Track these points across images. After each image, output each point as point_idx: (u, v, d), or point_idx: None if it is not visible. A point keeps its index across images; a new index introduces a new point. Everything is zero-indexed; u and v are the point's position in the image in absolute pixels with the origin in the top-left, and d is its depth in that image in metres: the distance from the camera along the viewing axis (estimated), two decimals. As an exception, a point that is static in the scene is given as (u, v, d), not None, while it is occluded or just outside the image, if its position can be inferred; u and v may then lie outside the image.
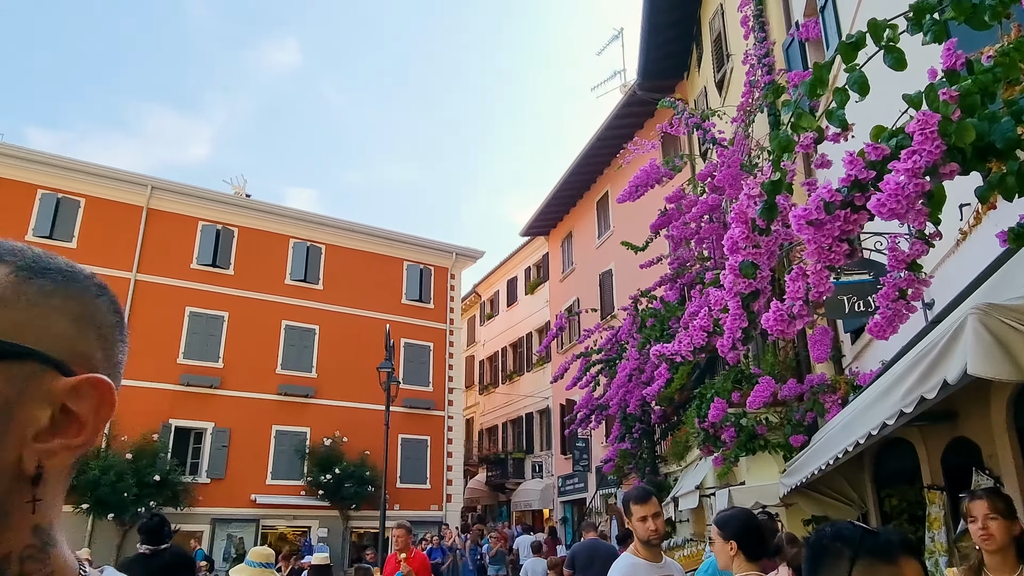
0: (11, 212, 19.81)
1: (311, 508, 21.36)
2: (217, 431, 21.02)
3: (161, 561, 2.33)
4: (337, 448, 21.87)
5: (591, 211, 23.74)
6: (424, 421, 24.20)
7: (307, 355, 22.95)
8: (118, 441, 19.12)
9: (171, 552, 2.37)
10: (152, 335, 20.63)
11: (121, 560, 2.23)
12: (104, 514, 18.14)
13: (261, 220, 23.41)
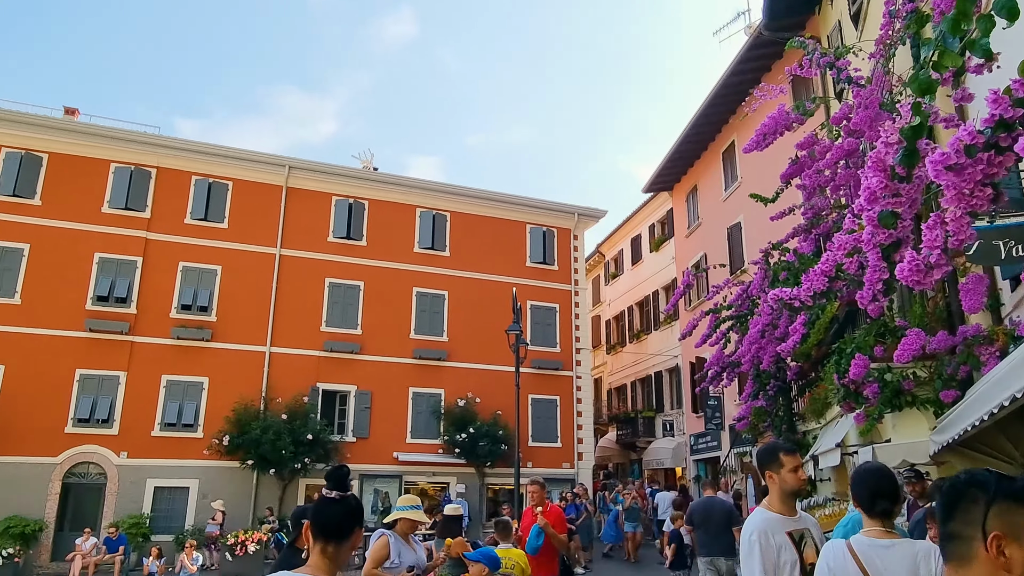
0: (172, 198, 21.75)
1: (448, 465, 22.39)
2: (359, 393, 22.39)
3: (347, 506, 2.55)
4: (470, 408, 22.72)
5: (716, 163, 22.87)
6: (553, 381, 24.59)
7: (438, 320, 23.85)
8: (274, 403, 20.82)
9: (354, 499, 2.62)
10: (297, 306, 22.17)
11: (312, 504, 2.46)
12: (267, 469, 19.90)
13: (389, 192, 24.37)
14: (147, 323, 20.61)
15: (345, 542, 2.56)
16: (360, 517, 2.62)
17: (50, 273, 19.96)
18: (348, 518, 2.60)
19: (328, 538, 2.56)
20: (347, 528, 2.59)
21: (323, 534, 2.57)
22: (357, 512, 2.64)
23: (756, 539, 3.15)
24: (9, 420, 18.73)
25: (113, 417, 19.74)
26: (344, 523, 2.59)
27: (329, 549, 2.52)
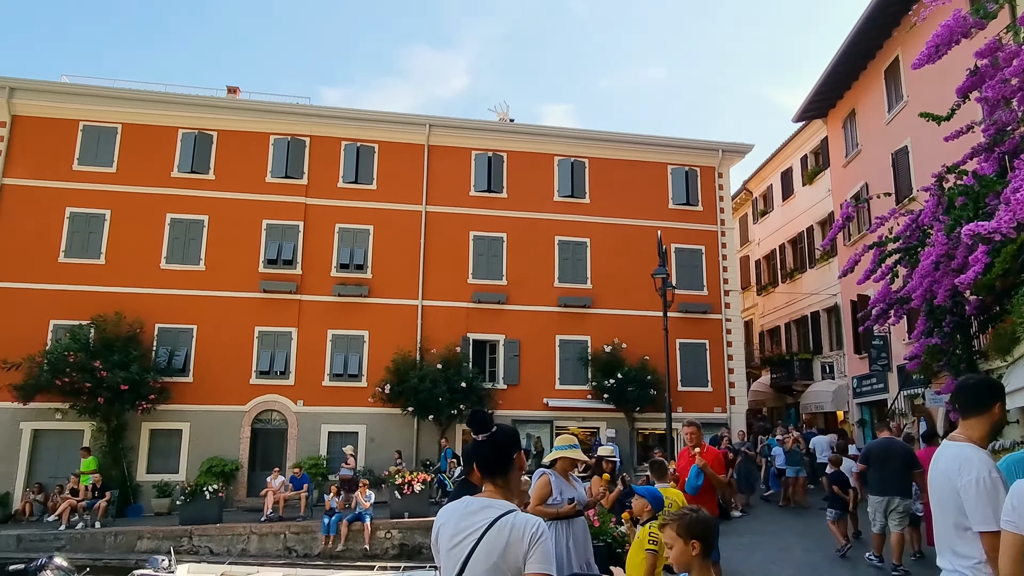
0: (325, 164, 23.09)
1: (597, 411, 22.66)
2: (508, 342, 23.04)
3: (496, 441, 2.68)
4: (617, 354, 22.75)
5: (878, 82, 20.94)
6: (701, 325, 24.04)
7: (581, 268, 23.90)
8: (429, 354, 21.92)
9: (500, 431, 2.75)
10: (445, 260, 23.01)
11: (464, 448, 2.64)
12: (425, 415, 21.11)
13: (526, 142, 24.46)
14: (311, 282, 22.23)
15: (509, 471, 2.72)
16: (512, 444, 2.74)
17: (226, 241, 21.95)
18: (501, 452, 2.75)
19: (492, 474, 2.72)
20: (504, 460, 2.75)
21: (487, 473, 2.73)
22: (508, 443, 2.77)
23: (998, 476, 3.01)
24: (205, 374, 21.07)
25: (289, 369, 21.64)
26: (499, 457, 2.75)
27: (498, 481, 2.70)
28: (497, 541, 2.51)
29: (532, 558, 2.48)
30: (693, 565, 3.00)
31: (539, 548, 2.48)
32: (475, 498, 2.69)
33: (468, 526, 2.58)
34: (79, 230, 21.31)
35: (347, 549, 16.21)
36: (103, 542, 16.54)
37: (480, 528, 2.55)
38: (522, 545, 2.49)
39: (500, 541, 2.51)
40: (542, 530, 2.54)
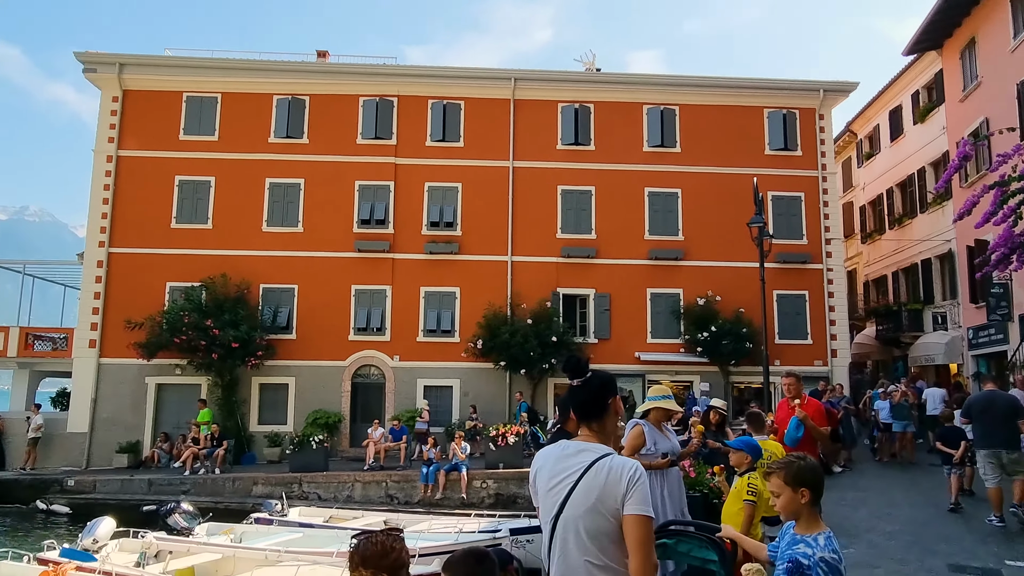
0: (413, 124, 23.32)
1: (691, 364, 22.29)
2: (598, 296, 22.89)
3: (592, 386, 2.70)
4: (711, 307, 22.21)
5: (1002, 6, 19.09)
6: (800, 275, 23.08)
7: (672, 219, 23.31)
8: (520, 309, 22.08)
9: (596, 376, 2.75)
10: (533, 215, 22.95)
11: (561, 397, 2.70)
12: (517, 369, 21.39)
13: (613, 92, 23.85)
14: (403, 241, 22.71)
15: (605, 415, 2.73)
16: (608, 389, 2.75)
17: (322, 203, 22.67)
18: (596, 396, 2.76)
19: (588, 419, 2.73)
20: (599, 404, 2.76)
21: (583, 417, 2.75)
22: (603, 387, 2.79)
23: None
24: (307, 331, 22.06)
25: (385, 325, 22.35)
26: (595, 402, 2.76)
27: (593, 426, 2.71)
28: (595, 483, 2.53)
29: (630, 500, 2.48)
30: (801, 513, 2.92)
31: (637, 490, 2.48)
32: (572, 442, 2.71)
33: (565, 468, 2.61)
34: (187, 197, 22.52)
35: (445, 498, 16.80)
36: (223, 487, 17.80)
37: (578, 470, 2.57)
38: (620, 487, 2.49)
39: (598, 483, 2.53)
40: (640, 473, 2.53)
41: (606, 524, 2.50)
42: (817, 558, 2.77)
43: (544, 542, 2.65)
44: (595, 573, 2.49)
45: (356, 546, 2.15)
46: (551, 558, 2.61)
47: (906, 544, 8.38)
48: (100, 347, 21.59)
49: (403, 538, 2.21)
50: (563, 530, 2.56)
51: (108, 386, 21.51)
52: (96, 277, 21.93)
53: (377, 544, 2.12)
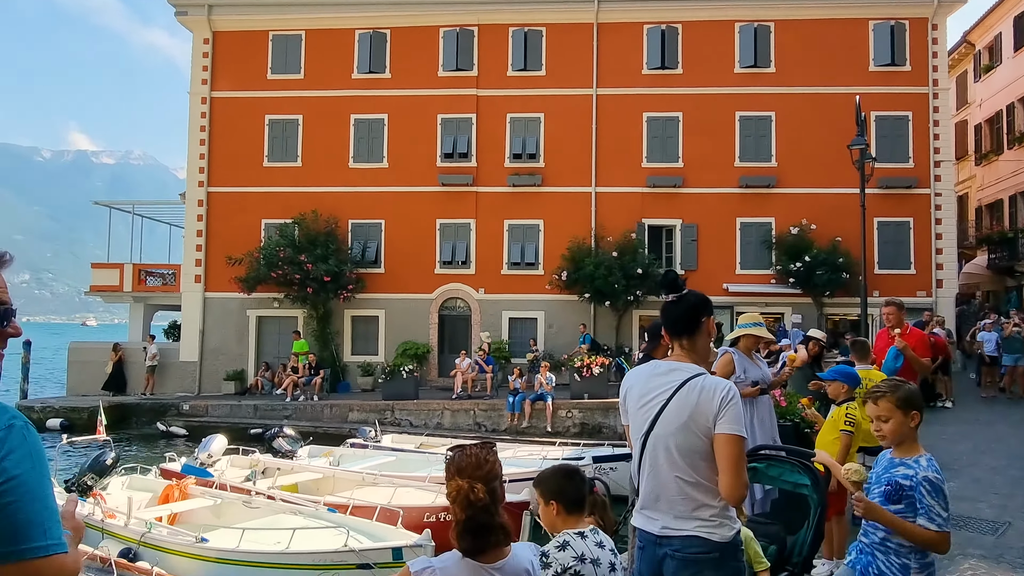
0: (494, 54, 22.89)
1: (782, 296, 21.57)
2: (685, 227, 22.30)
3: (687, 302, 2.72)
4: (804, 236, 21.28)
5: None
6: (904, 201, 21.70)
7: (764, 144, 22.22)
8: (604, 241, 21.82)
9: (691, 293, 2.73)
10: (618, 144, 22.37)
11: (648, 325, 2.69)
12: (602, 302, 21.30)
13: (703, 9, 22.57)
14: (486, 174, 22.67)
15: (697, 334, 2.68)
16: (703, 307, 2.73)
17: (406, 137, 22.81)
18: (692, 312, 2.71)
19: (680, 334, 2.69)
20: (693, 321, 2.72)
21: (674, 332, 2.71)
22: (698, 305, 2.76)
23: None
24: (395, 265, 22.61)
25: (470, 259, 22.60)
26: (689, 317, 2.71)
27: (684, 342, 2.68)
28: (687, 401, 2.52)
29: (722, 419, 2.45)
30: (907, 438, 2.85)
31: (730, 409, 2.45)
32: (663, 361, 2.70)
33: (657, 386, 2.61)
34: (277, 135, 23.13)
35: (531, 426, 17.18)
36: (321, 413, 18.80)
37: (670, 388, 2.56)
38: (712, 405, 2.46)
39: (690, 401, 2.51)
40: (733, 392, 2.49)
41: (697, 442, 2.48)
42: (920, 477, 2.72)
43: (634, 459, 2.66)
44: (686, 489, 2.49)
45: (452, 457, 2.23)
46: (641, 475, 2.61)
47: (1013, 480, 7.98)
48: (204, 282, 22.86)
49: (496, 451, 2.27)
50: (654, 447, 2.55)
51: (213, 318, 22.85)
52: (197, 216, 23.06)
53: (471, 456, 2.19)
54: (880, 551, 2.83)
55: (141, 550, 7.92)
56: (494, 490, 2.16)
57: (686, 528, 2.47)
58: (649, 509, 2.56)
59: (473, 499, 2.11)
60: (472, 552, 2.17)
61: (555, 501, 2.72)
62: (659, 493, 2.53)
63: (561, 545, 2.68)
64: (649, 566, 2.54)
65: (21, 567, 1.34)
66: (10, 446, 1.38)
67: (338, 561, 7.21)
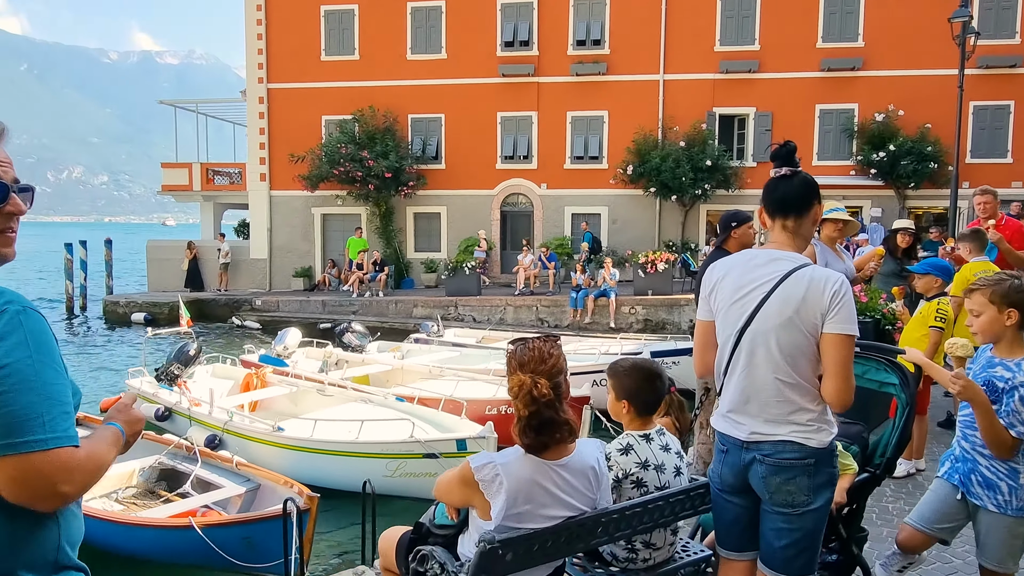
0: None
1: (863, 188, 20.42)
2: (759, 115, 21.07)
3: (803, 179, 2.46)
4: (890, 123, 19.83)
5: None
6: (1007, 82, 19.81)
7: (851, 21, 20.41)
8: (672, 132, 20.88)
9: (803, 174, 2.40)
10: (688, 26, 20.95)
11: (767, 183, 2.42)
12: (668, 196, 20.61)
13: None
14: (548, 63, 21.71)
15: (805, 215, 2.41)
16: (814, 189, 2.43)
17: (464, 26, 21.90)
18: (804, 189, 2.42)
19: (787, 212, 2.41)
20: (806, 200, 2.43)
21: (781, 210, 2.44)
22: (813, 184, 2.46)
23: None
24: (456, 160, 22.29)
25: (531, 153, 22.05)
26: (801, 195, 2.43)
27: (789, 224, 2.41)
28: (793, 293, 2.26)
29: (833, 317, 2.21)
30: (1004, 336, 2.56)
31: (843, 307, 2.21)
32: (761, 250, 2.43)
33: (757, 278, 2.35)
34: (333, 28, 22.54)
35: (594, 322, 17.14)
36: (386, 308, 19.18)
37: (773, 279, 2.30)
38: (823, 301, 2.21)
39: (796, 294, 2.26)
40: (846, 287, 2.23)
41: (803, 340, 2.24)
42: (1018, 382, 2.47)
43: (722, 358, 2.43)
44: (784, 392, 2.27)
45: (514, 351, 2.08)
46: (729, 374, 2.39)
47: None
48: (269, 180, 23.12)
49: (560, 345, 2.09)
50: (751, 343, 2.32)
51: (280, 216, 23.25)
52: (259, 113, 23.04)
53: (535, 349, 2.04)
54: (983, 455, 2.60)
55: (226, 437, 8.37)
56: (558, 385, 2.01)
57: (780, 433, 2.27)
58: (736, 412, 2.35)
59: (536, 395, 1.96)
60: (536, 448, 2.05)
61: (628, 401, 2.56)
62: (751, 395, 2.31)
63: (624, 448, 2.53)
64: (733, 470, 2.36)
65: (16, 461, 1.23)
66: (0, 333, 1.26)
67: (406, 451, 7.43)
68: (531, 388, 1.95)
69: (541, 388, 1.95)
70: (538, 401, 1.95)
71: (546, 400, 1.96)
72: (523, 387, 1.97)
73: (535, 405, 1.95)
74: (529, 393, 1.96)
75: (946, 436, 5.73)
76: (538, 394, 1.94)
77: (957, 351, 2.61)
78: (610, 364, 2.66)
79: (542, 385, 1.95)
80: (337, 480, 7.38)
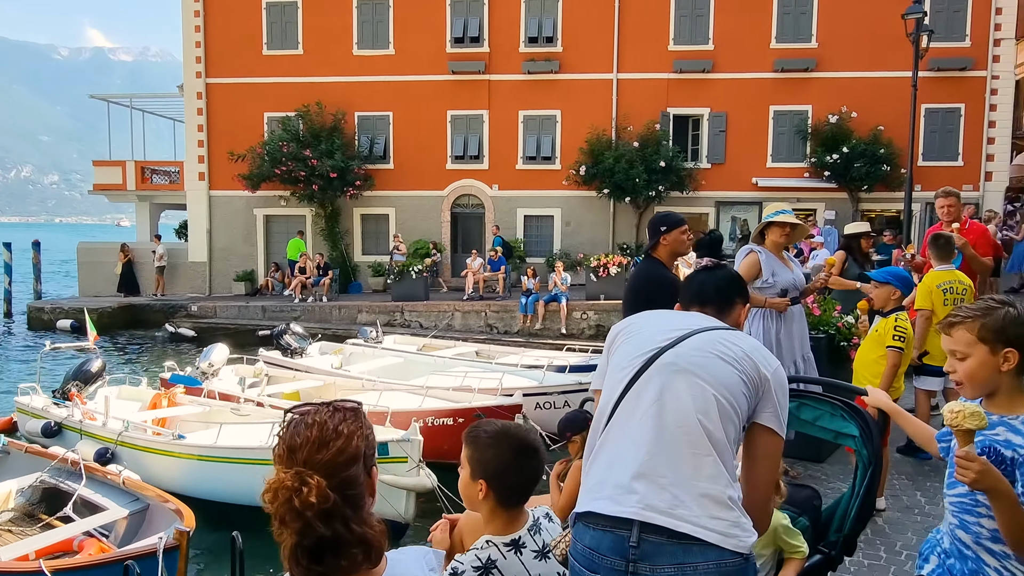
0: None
1: (816, 190, 20.23)
2: (713, 116, 20.73)
3: (728, 273, 2.13)
4: (843, 125, 19.65)
5: None
6: (957, 85, 19.79)
7: (804, 22, 20.19)
8: (625, 132, 20.40)
9: (728, 269, 2.17)
10: (641, 24, 20.52)
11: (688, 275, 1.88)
12: (622, 197, 20.11)
13: None
14: (500, 60, 21.06)
15: (725, 313, 1.97)
16: (740, 288, 2.01)
17: (412, 21, 21.11)
18: (727, 284, 2.02)
19: (703, 306, 1.96)
20: (727, 296, 2.00)
21: (698, 302, 1.94)
22: (737, 282, 2.05)
23: None
24: (404, 160, 21.49)
25: (483, 153, 21.37)
26: (723, 289, 2.01)
27: (709, 312, 1.98)
28: (731, 342, 1.81)
29: (767, 409, 1.77)
30: (1001, 386, 1.84)
31: (780, 400, 1.79)
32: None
33: (691, 323, 1.88)
34: (276, 21, 21.56)
35: (545, 328, 16.54)
36: (330, 314, 18.31)
37: (709, 324, 1.88)
38: (759, 372, 1.79)
39: (736, 347, 1.81)
40: (785, 382, 1.83)
41: (738, 388, 1.75)
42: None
43: (611, 392, 1.80)
44: (700, 445, 1.67)
45: (284, 428, 1.33)
46: (619, 412, 1.76)
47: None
48: (209, 180, 22.00)
49: (362, 415, 1.37)
50: (667, 371, 1.75)
51: (220, 217, 22.15)
52: (197, 109, 21.92)
53: (313, 426, 1.28)
54: (993, 552, 1.84)
55: (119, 450, 7.60)
56: (351, 481, 1.28)
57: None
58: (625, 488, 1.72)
59: (299, 504, 1.21)
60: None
61: (486, 483, 1.83)
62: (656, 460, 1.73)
63: (484, 567, 1.77)
64: None
65: None
66: None
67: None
68: (291, 495, 1.21)
69: (307, 495, 1.20)
70: (303, 515, 1.20)
71: (319, 511, 1.21)
72: (280, 490, 1.22)
73: (299, 520, 1.21)
74: (288, 503, 1.21)
75: (907, 465, 5.19)
76: (301, 504, 1.20)
77: (965, 421, 1.69)
78: (469, 427, 1.94)
79: (311, 490, 1.21)
80: (244, 494, 6.68)
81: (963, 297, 4.95)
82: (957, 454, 1.71)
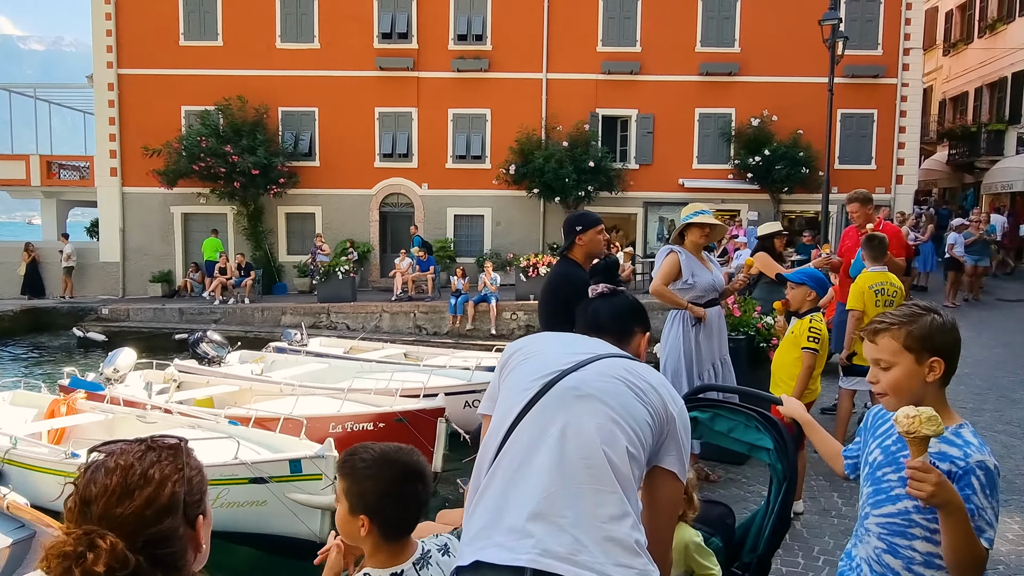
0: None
1: (739, 192, 20.71)
2: (641, 117, 20.97)
3: (624, 302, 2.00)
4: (765, 128, 20.19)
5: None
6: (870, 92, 20.60)
7: (728, 27, 20.65)
8: (555, 132, 20.41)
9: (626, 296, 2.02)
10: (571, 25, 20.58)
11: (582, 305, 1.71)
12: (551, 197, 20.10)
13: None
14: (428, 57, 20.75)
15: (625, 342, 1.84)
16: (640, 316, 1.87)
17: (338, 14, 20.58)
18: (624, 312, 1.92)
19: (600, 335, 1.83)
20: (624, 325, 1.89)
21: (594, 331, 1.84)
22: (636, 311, 1.92)
23: None
24: (331, 158, 20.92)
25: (412, 151, 21.01)
26: (620, 317, 1.90)
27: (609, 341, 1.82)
28: (636, 371, 1.68)
29: (669, 451, 1.63)
30: (926, 397, 1.72)
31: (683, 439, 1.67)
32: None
33: (594, 348, 1.74)
34: (194, 10, 20.64)
35: (475, 329, 16.35)
36: (252, 316, 17.64)
37: (612, 352, 1.75)
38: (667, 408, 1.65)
39: (642, 378, 1.67)
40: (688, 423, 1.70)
41: (644, 420, 1.59)
42: (974, 462, 1.65)
43: (503, 419, 1.62)
44: (605, 480, 1.49)
45: (84, 469, 1.07)
46: (511, 442, 1.58)
47: (978, 391, 7.39)
48: (121, 175, 20.90)
49: (183, 451, 1.13)
50: (569, 395, 1.59)
51: (134, 215, 21.08)
52: (109, 101, 20.79)
53: (116, 470, 1.04)
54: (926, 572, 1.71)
55: (6, 468, 7.01)
56: (161, 538, 1.03)
57: None
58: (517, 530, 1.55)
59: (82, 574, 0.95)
60: None
61: (367, 518, 1.63)
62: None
63: None
64: None
65: None
66: None
67: (228, 475, 6.35)
68: (71, 564, 0.95)
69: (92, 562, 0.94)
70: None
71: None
72: (55, 561, 0.96)
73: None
74: (67, 574, 0.96)
75: (825, 466, 5.21)
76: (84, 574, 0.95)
77: (923, 427, 1.53)
78: (343, 455, 1.72)
79: (99, 554, 0.95)
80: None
81: (894, 299, 5.04)
82: (911, 465, 1.56)
